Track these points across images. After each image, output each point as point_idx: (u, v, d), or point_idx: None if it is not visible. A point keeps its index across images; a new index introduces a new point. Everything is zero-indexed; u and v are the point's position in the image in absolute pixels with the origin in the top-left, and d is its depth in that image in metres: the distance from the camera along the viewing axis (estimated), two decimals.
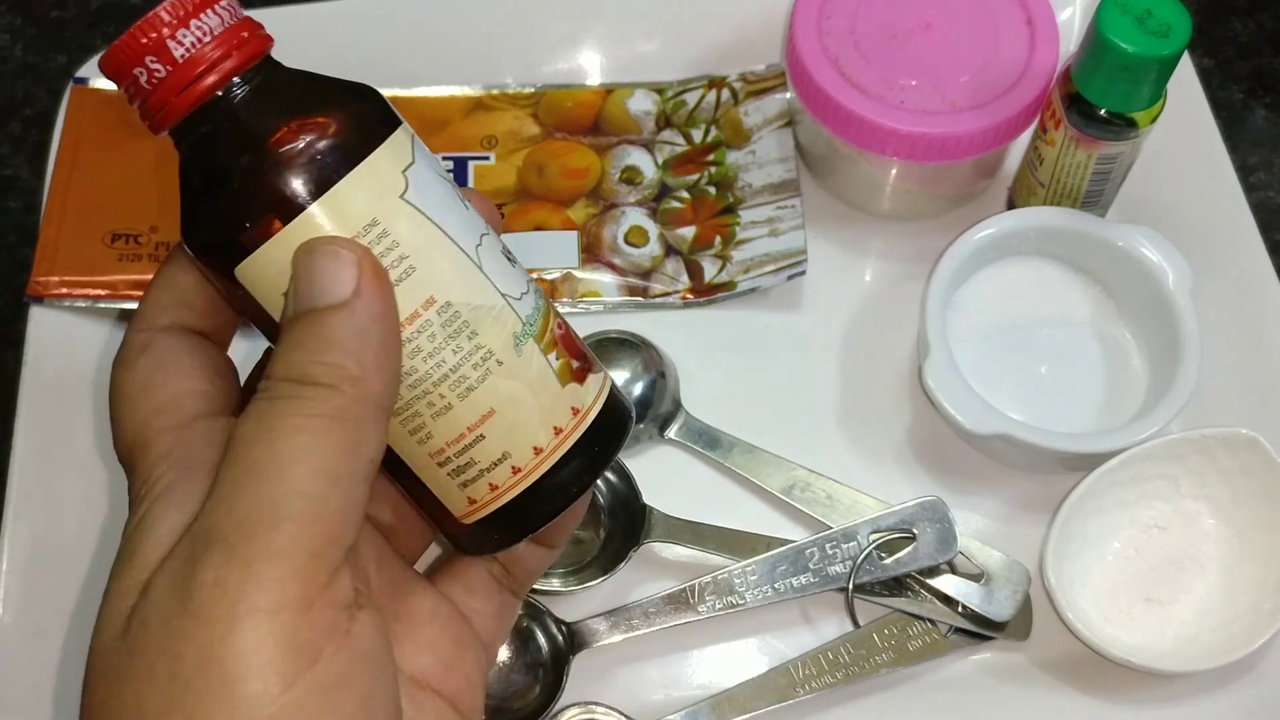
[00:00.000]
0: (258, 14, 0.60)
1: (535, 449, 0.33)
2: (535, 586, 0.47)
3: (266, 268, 0.30)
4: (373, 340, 0.29)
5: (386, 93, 0.61)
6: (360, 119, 0.31)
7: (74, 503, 0.50)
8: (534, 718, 0.45)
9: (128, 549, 0.30)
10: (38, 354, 0.52)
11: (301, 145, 0.30)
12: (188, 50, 0.30)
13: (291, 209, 0.30)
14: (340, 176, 0.30)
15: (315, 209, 0.30)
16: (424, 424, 0.32)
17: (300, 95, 0.32)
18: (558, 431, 0.33)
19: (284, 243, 0.30)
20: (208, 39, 0.31)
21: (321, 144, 0.30)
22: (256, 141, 0.30)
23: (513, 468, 0.33)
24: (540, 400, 0.33)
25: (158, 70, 0.30)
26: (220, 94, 0.31)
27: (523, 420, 0.33)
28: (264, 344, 0.33)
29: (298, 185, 0.30)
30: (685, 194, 0.57)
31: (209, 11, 0.31)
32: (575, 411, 0.34)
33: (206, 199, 0.31)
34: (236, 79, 0.31)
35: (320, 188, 0.30)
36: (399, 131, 0.32)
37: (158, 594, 0.28)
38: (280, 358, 0.30)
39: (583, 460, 0.34)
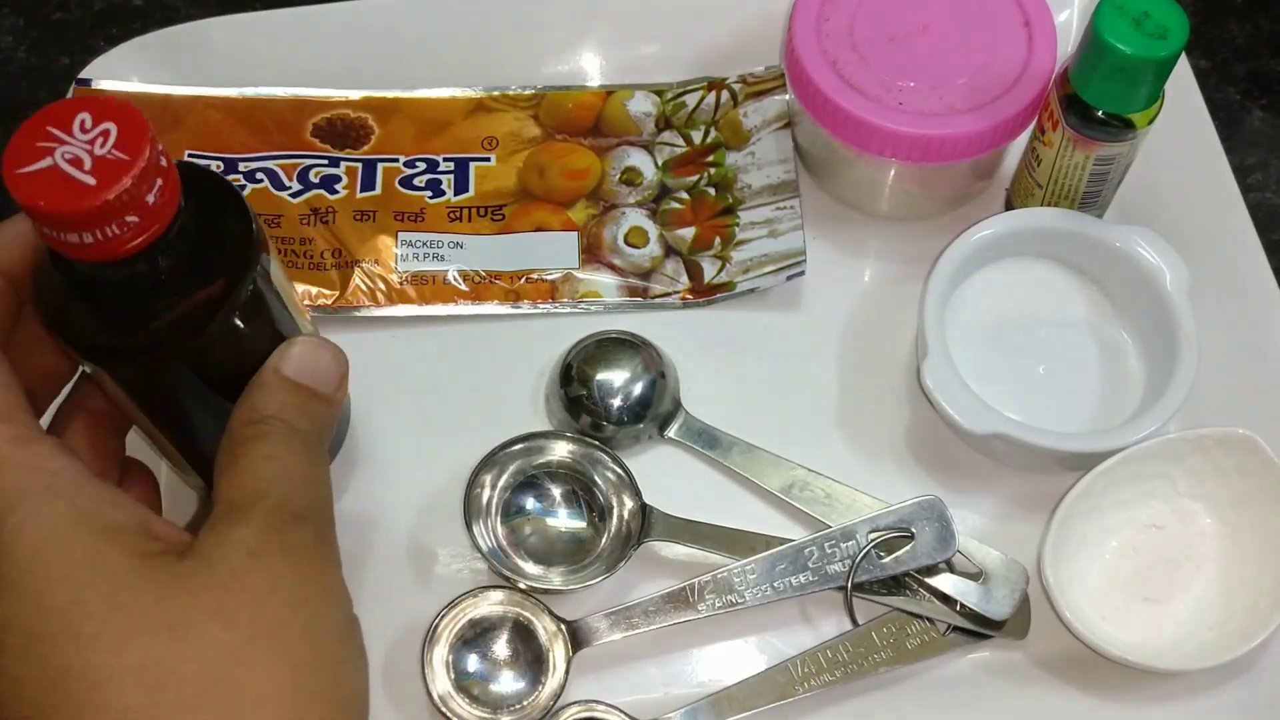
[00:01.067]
0: (260, 18, 0.61)
1: None
2: (536, 585, 0.47)
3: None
4: (332, 425, 0.41)
5: (388, 94, 0.62)
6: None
7: None
8: (535, 716, 0.46)
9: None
10: None
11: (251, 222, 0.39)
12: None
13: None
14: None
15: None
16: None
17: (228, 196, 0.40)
18: None
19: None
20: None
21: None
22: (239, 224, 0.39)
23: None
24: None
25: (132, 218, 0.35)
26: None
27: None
28: None
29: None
30: (685, 195, 0.57)
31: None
32: None
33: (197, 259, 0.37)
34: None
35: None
36: None
37: (246, 543, 0.35)
38: (281, 402, 0.39)
39: None
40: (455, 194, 0.57)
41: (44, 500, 0.34)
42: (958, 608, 0.48)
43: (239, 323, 0.38)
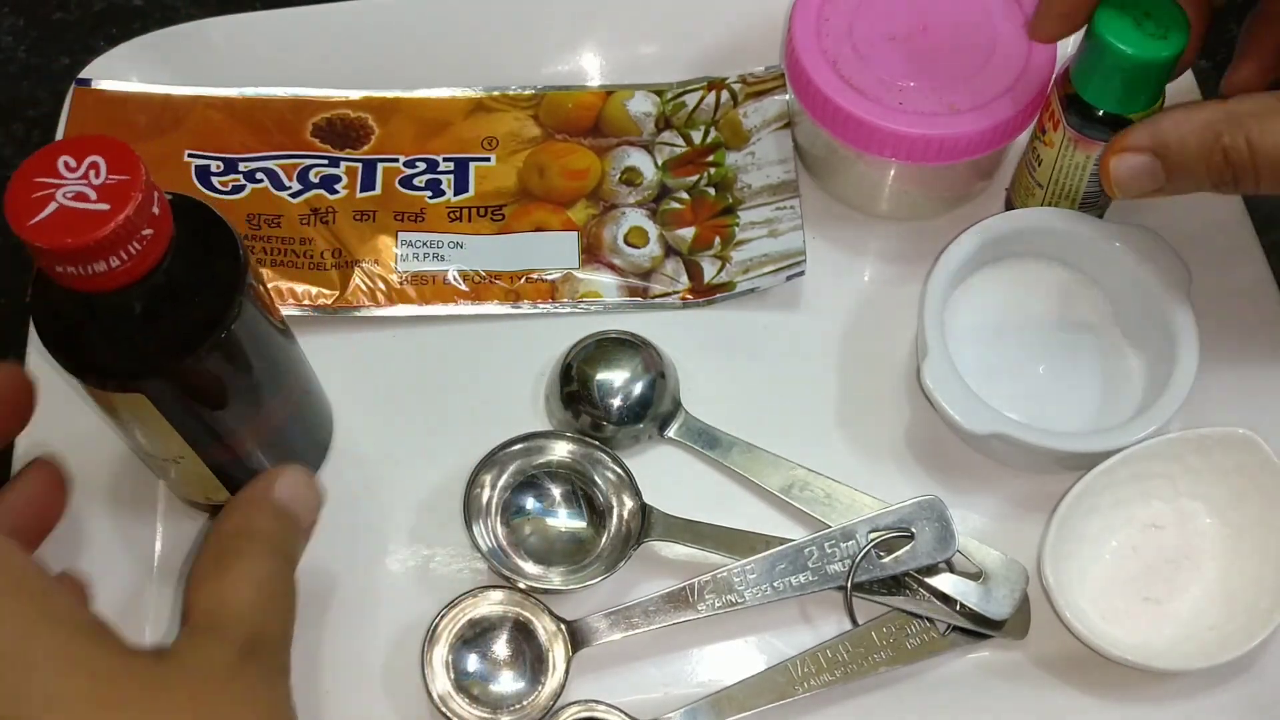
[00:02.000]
0: (260, 18, 0.61)
1: None
2: (536, 585, 0.47)
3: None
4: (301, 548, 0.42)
5: (389, 94, 0.62)
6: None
7: (74, 504, 0.50)
8: (535, 716, 0.46)
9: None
10: (39, 354, 0.52)
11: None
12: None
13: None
14: None
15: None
16: None
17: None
18: None
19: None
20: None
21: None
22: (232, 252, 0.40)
23: None
24: None
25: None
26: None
27: None
28: None
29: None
30: (685, 195, 0.57)
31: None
32: None
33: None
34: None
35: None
36: None
37: (225, 660, 0.36)
38: (269, 524, 0.40)
39: None
40: (455, 194, 0.57)
41: (11, 597, 0.34)
42: (958, 608, 0.48)
43: (252, 320, 0.40)
